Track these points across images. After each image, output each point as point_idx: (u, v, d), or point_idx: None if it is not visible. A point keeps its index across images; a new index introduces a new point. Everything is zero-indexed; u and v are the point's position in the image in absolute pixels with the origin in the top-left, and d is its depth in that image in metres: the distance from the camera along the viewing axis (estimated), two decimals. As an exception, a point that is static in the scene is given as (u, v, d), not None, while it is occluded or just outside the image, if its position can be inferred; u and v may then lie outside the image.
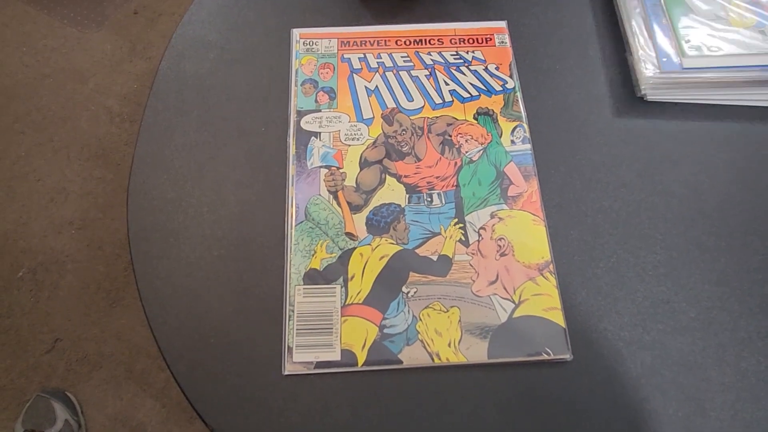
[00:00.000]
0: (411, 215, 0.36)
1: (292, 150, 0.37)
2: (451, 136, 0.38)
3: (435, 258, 0.34)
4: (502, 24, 0.43)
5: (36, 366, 1.04)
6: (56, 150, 1.25)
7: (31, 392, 1.01)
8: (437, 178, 0.37)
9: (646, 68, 0.39)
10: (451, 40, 0.42)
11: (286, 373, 0.31)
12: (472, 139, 0.38)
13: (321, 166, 0.37)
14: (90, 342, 1.06)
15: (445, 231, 0.35)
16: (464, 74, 0.40)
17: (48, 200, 1.19)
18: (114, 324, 1.07)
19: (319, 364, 0.31)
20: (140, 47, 1.40)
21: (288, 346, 0.32)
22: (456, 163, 0.37)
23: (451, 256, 0.34)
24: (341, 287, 0.33)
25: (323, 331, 0.32)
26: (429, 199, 0.36)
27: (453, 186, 0.37)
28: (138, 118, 1.29)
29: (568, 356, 0.32)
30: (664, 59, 0.39)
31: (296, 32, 0.42)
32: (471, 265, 0.34)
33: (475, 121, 0.38)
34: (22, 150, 1.25)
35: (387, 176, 0.37)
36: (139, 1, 1.47)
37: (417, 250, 0.34)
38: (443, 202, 0.36)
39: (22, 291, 1.10)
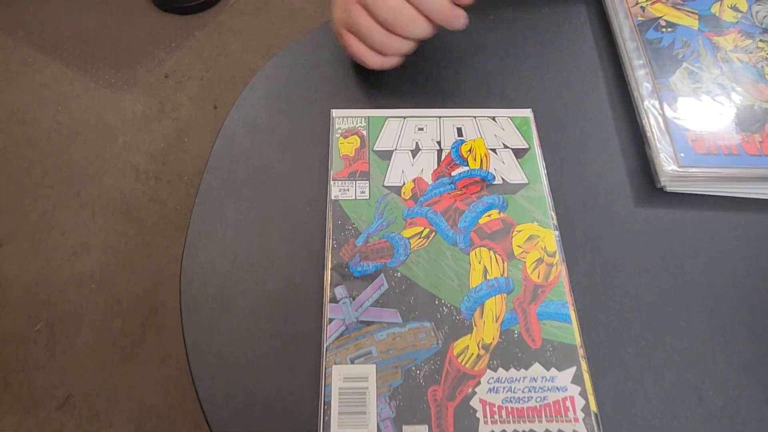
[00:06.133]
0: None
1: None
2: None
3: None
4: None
5: (45, 422, 1.03)
6: (82, 204, 1.30)
7: (39, 449, 1.00)
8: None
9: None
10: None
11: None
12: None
13: (362, 246, 0.39)
14: (101, 399, 1.05)
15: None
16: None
17: (71, 254, 1.22)
18: (126, 381, 1.07)
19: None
20: (169, 108, 1.47)
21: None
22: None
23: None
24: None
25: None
26: (464, 281, 0.38)
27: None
28: (163, 176, 1.34)
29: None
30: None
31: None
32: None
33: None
34: (50, 204, 1.29)
35: (424, 257, 0.39)
36: (169, 66, 1.56)
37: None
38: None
39: (38, 344, 1.11)
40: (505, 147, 0.44)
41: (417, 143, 0.44)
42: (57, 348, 1.10)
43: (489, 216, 0.41)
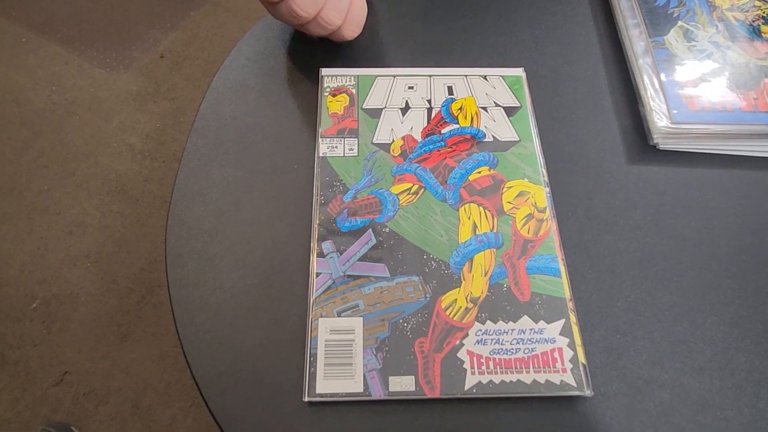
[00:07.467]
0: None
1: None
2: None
3: (458, 292, 0.36)
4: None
5: (43, 399, 1.03)
6: (78, 184, 1.29)
7: (36, 426, 1.00)
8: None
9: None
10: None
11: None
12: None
13: (350, 203, 0.39)
14: (98, 376, 1.06)
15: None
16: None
17: (66, 233, 1.21)
18: (123, 358, 1.07)
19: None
20: (164, 89, 1.46)
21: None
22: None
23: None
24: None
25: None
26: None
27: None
28: (159, 156, 1.33)
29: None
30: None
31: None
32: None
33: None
34: (45, 184, 1.28)
35: (413, 213, 0.39)
36: (165, 46, 1.54)
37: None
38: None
39: (35, 322, 1.11)
40: (497, 105, 0.44)
41: (407, 101, 0.44)
42: (53, 326, 1.10)
43: (479, 173, 0.40)
